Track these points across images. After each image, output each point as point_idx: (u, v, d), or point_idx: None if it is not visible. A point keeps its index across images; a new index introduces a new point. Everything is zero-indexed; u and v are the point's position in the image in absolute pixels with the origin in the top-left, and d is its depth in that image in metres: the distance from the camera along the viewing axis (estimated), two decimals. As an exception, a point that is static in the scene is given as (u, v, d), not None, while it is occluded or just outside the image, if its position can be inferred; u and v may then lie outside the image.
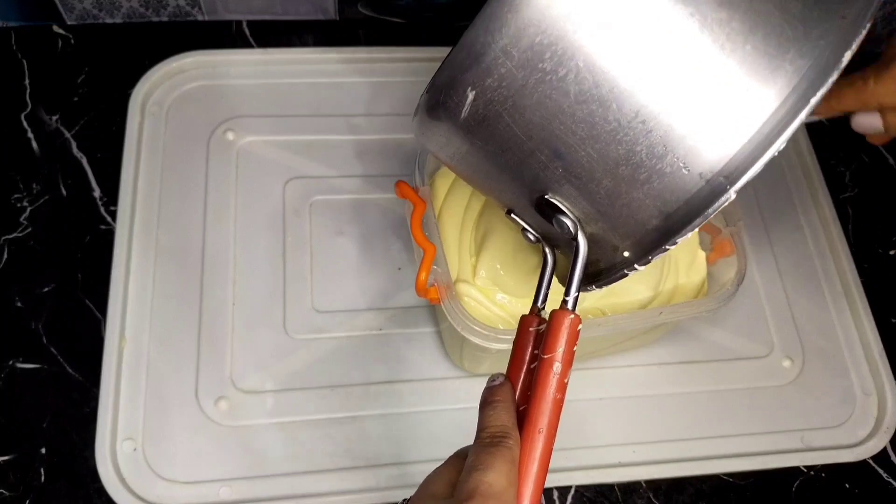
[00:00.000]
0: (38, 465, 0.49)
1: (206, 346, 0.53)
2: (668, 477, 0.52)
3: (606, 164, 0.28)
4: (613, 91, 0.27)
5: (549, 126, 0.28)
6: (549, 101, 0.27)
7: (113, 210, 0.57)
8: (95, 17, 0.65)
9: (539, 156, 0.29)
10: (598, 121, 0.27)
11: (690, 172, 0.27)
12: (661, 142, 0.27)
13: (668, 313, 0.45)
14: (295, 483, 0.49)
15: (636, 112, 0.27)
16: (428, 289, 0.44)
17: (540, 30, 0.26)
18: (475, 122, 0.30)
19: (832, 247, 0.62)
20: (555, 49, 0.26)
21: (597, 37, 0.26)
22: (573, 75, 0.27)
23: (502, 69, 0.27)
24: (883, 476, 0.54)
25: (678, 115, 0.27)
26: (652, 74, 0.27)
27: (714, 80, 0.27)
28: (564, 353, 0.32)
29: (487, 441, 0.31)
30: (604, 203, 0.29)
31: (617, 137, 0.27)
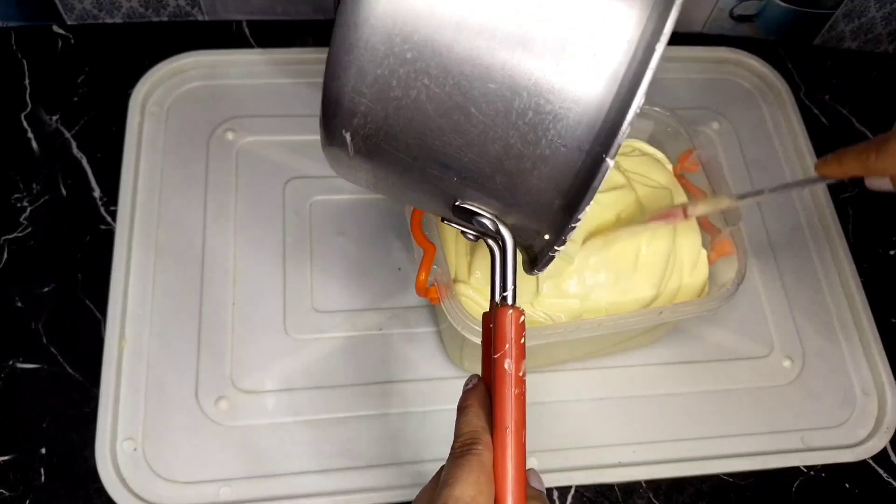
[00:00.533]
0: (38, 465, 0.49)
1: (205, 346, 0.53)
2: (668, 477, 0.52)
3: (492, 163, 0.29)
4: (467, 96, 0.27)
5: (425, 144, 0.29)
6: (415, 122, 0.28)
7: (113, 210, 0.57)
8: (95, 17, 0.65)
9: (431, 171, 0.30)
10: (466, 127, 0.28)
11: (569, 148, 0.27)
12: (530, 129, 0.27)
13: (668, 313, 0.45)
14: (295, 483, 0.49)
15: (496, 109, 0.27)
16: (428, 289, 0.44)
17: (376, 64, 0.27)
18: (365, 156, 0.31)
19: (832, 247, 0.62)
20: (398, 76, 0.27)
21: (427, 55, 0.27)
22: (424, 94, 0.27)
23: (361, 107, 0.29)
24: (883, 476, 0.54)
25: (536, 99, 0.27)
26: (496, 69, 0.27)
27: (555, 57, 0.26)
28: (513, 349, 0.32)
29: (458, 452, 0.32)
30: (507, 197, 0.30)
31: (489, 136, 0.28)
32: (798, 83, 0.71)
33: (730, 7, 0.69)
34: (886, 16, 0.69)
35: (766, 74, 0.70)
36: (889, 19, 0.69)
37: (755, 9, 0.70)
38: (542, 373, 0.54)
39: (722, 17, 0.70)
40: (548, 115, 0.27)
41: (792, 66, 0.71)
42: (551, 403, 0.54)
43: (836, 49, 0.73)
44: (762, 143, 0.67)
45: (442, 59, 0.27)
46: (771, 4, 0.69)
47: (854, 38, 0.72)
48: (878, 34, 0.71)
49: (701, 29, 0.72)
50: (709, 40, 0.71)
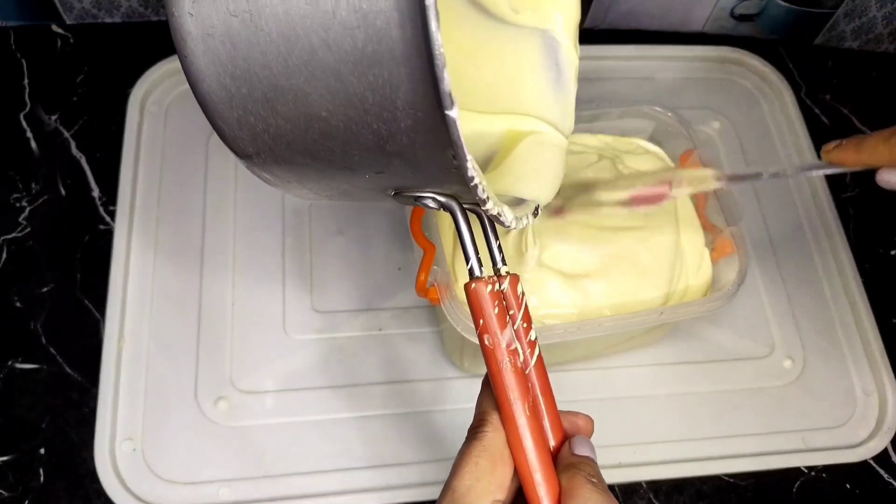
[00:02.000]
0: (36, 466, 0.49)
1: (205, 346, 0.53)
2: (669, 478, 0.52)
3: (378, 152, 0.28)
4: (310, 102, 0.27)
5: (318, 157, 0.29)
6: (294, 143, 0.29)
7: (112, 210, 0.57)
8: (95, 17, 0.65)
9: (344, 175, 0.30)
10: (332, 131, 0.28)
11: (423, 110, 0.26)
12: (381, 108, 0.26)
13: (668, 313, 0.45)
14: (295, 483, 0.49)
15: (340, 103, 0.27)
16: (428, 289, 0.44)
17: (230, 108, 0.29)
18: (289, 180, 0.32)
19: (833, 247, 0.62)
20: (250, 111, 0.28)
21: (255, 83, 0.27)
22: (280, 118, 0.28)
23: (249, 148, 0.29)
24: (884, 476, 0.54)
25: (365, 79, 0.26)
26: (316, 68, 0.26)
27: (354, 28, 0.25)
28: (490, 321, 0.30)
29: (467, 438, 0.31)
30: (418, 175, 0.29)
31: (354, 130, 0.27)
32: (799, 83, 0.71)
33: (730, 6, 0.69)
34: (887, 15, 0.69)
35: (767, 74, 0.70)
36: (890, 19, 0.69)
37: (756, 8, 0.69)
38: (542, 373, 0.54)
39: (723, 17, 0.70)
40: (384, 89, 0.26)
41: (793, 66, 0.71)
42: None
43: (836, 48, 0.73)
44: (763, 143, 0.67)
45: (268, 80, 0.27)
46: (772, 4, 0.69)
47: (855, 38, 0.72)
48: (879, 34, 0.71)
49: (701, 28, 0.72)
50: (709, 40, 0.71)
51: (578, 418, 0.33)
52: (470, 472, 0.29)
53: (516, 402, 0.30)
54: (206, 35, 0.27)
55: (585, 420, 0.33)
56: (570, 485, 0.29)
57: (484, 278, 0.31)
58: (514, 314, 0.32)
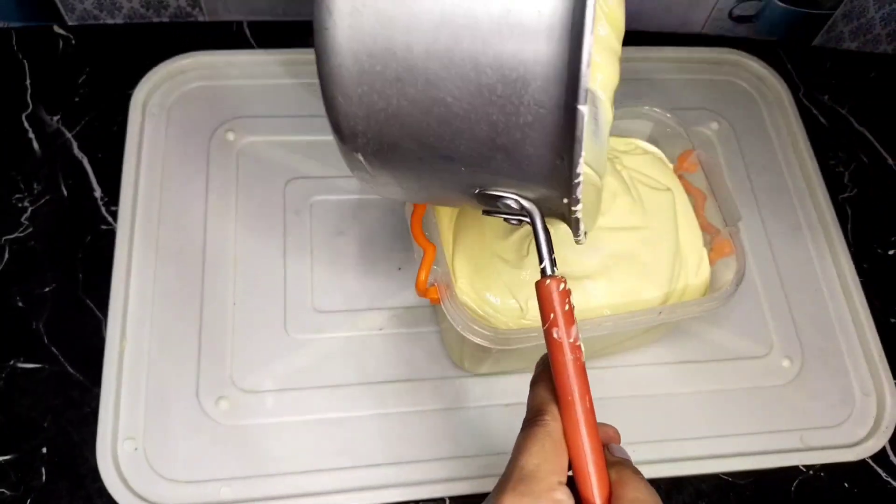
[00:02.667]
0: (38, 465, 0.49)
1: (206, 345, 0.53)
2: (668, 476, 0.52)
3: (486, 144, 0.29)
4: (439, 87, 0.28)
5: (423, 144, 0.30)
6: (406, 126, 0.30)
7: (114, 210, 0.57)
8: (96, 18, 0.65)
9: (440, 168, 0.31)
10: (450, 117, 0.29)
11: (548, 108, 0.28)
12: (506, 101, 0.28)
13: (667, 313, 0.45)
14: (295, 483, 0.50)
15: (468, 92, 0.28)
16: (428, 289, 0.44)
17: (355, 85, 0.29)
18: (382, 170, 0.32)
19: (831, 247, 0.62)
20: (376, 90, 0.29)
21: (391, 62, 0.28)
22: (404, 98, 0.29)
23: (359, 127, 0.30)
24: (882, 475, 0.54)
25: (500, 71, 0.27)
26: (455, 55, 0.27)
27: (502, 26, 0.27)
28: (559, 317, 0.32)
29: (526, 423, 0.33)
30: (516, 173, 0.31)
31: (473, 120, 0.29)
32: (797, 84, 0.71)
33: (729, 8, 0.69)
34: (885, 16, 0.69)
35: (766, 75, 0.70)
36: (888, 20, 0.70)
37: (754, 9, 0.70)
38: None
39: (721, 18, 0.71)
40: (517, 83, 0.27)
41: (791, 67, 0.72)
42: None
43: (835, 49, 0.73)
44: (761, 144, 0.67)
45: (405, 61, 0.28)
46: (770, 5, 0.69)
47: (853, 39, 0.72)
48: (877, 34, 0.71)
49: (700, 30, 0.72)
50: (708, 41, 0.71)
51: (609, 428, 0.35)
52: (537, 453, 0.31)
53: (577, 395, 0.32)
54: (354, 10, 0.28)
55: (615, 430, 0.36)
56: (620, 477, 0.32)
57: (557, 277, 0.33)
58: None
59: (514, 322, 0.46)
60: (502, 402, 0.54)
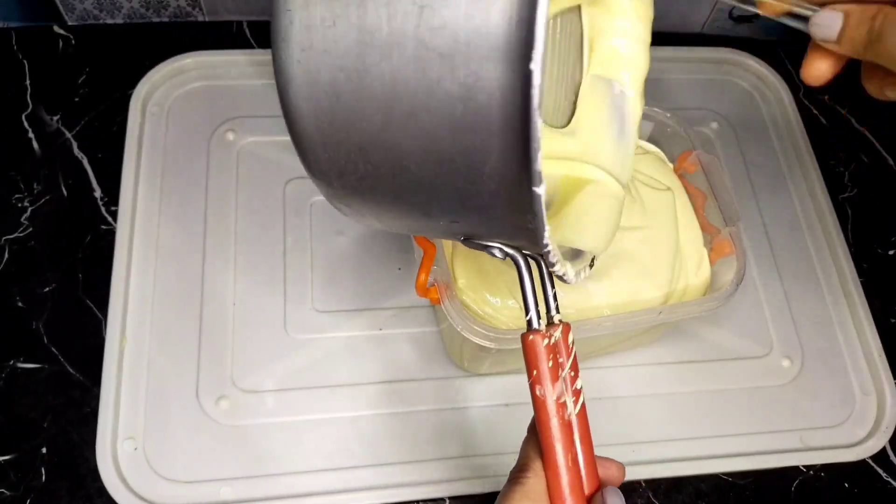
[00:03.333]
0: (38, 465, 0.49)
1: (206, 345, 0.53)
2: (668, 476, 0.52)
3: (457, 208, 0.29)
4: (402, 156, 0.28)
5: (398, 201, 0.30)
6: (378, 189, 0.30)
7: (114, 210, 0.57)
8: (96, 18, 0.65)
9: (421, 220, 0.31)
10: (417, 184, 0.29)
11: (509, 180, 0.27)
12: (468, 170, 0.28)
13: (666, 313, 0.45)
14: (295, 483, 0.50)
15: (430, 161, 0.28)
16: (428, 289, 0.44)
17: (322, 149, 0.30)
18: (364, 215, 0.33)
19: (831, 247, 0.62)
20: (342, 154, 0.29)
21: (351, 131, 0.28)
22: (370, 166, 0.29)
23: (333, 184, 0.31)
24: (882, 476, 0.54)
25: (459, 144, 0.27)
26: (413, 127, 0.27)
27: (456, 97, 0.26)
28: (543, 373, 0.31)
29: (510, 477, 0.33)
30: (492, 229, 0.31)
31: (438, 187, 0.29)
32: (797, 83, 0.71)
33: (729, 8, 0.69)
34: (885, 16, 0.69)
35: (766, 75, 0.70)
36: (888, 20, 0.69)
37: (754, 9, 0.70)
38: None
39: (721, 18, 0.71)
40: (475, 155, 0.27)
41: (791, 67, 0.72)
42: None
43: (835, 50, 0.73)
44: (761, 144, 0.67)
45: (367, 131, 0.28)
46: (770, 5, 0.69)
47: (853, 39, 0.72)
48: (877, 35, 0.71)
49: (700, 29, 0.72)
50: (708, 41, 0.71)
51: (612, 466, 0.35)
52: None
53: (560, 452, 0.31)
54: (311, 82, 0.29)
55: (618, 468, 0.35)
56: None
57: (541, 331, 0.32)
58: (563, 362, 0.33)
59: (514, 322, 0.46)
60: (502, 402, 0.54)
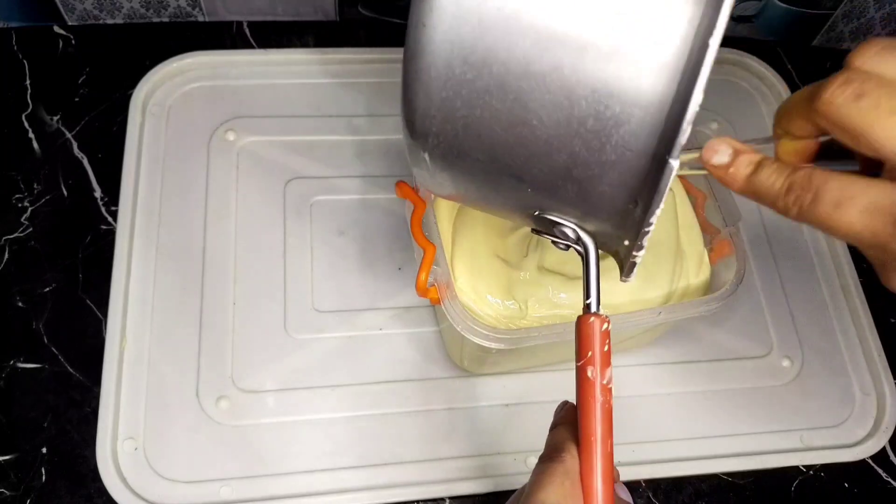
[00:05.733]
0: (38, 465, 0.49)
1: (206, 345, 0.53)
2: (667, 476, 0.52)
3: (561, 173, 0.29)
4: (528, 108, 0.28)
5: (495, 158, 0.30)
6: (483, 138, 0.29)
7: (114, 210, 0.57)
8: (96, 18, 0.65)
9: (506, 183, 0.31)
10: (531, 139, 0.28)
11: (635, 152, 0.27)
12: (593, 136, 0.27)
13: (666, 313, 0.45)
14: (295, 483, 0.50)
15: (557, 119, 0.27)
16: (428, 289, 0.44)
17: (441, 87, 0.28)
18: (444, 172, 0.32)
19: (831, 247, 0.62)
20: (461, 97, 0.28)
21: (485, 74, 0.28)
22: (488, 111, 0.28)
23: (433, 128, 0.30)
24: (882, 475, 0.54)
25: (595, 106, 0.27)
26: (552, 80, 0.27)
27: (609, 62, 0.26)
28: (597, 356, 0.32)
29: (544, 458, 0.33)
30: (582, 205, 0.30)
31: (554, 146, 0.28)
32: (797, 83, 0.71)
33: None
34: (885, 16, 0.69)
35: (766, 75, 0.70)
36: (888, 20, 0.70)
37: (754, 9, 0.70)
38: (541, 372, 0.54)
39: (721, 18, 0.71)
40: (609, 121, 0.27)
41: (791, 67, 0.72)
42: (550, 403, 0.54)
43: (835, 49, 0.73)
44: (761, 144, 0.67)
45: (500, 75, 0.27)
46: (770, 5, 0.69)
47: (853, 39, 0.72)
48: (877, 35, 0.71)
49: (700, 29, 0.72)
50: (708, 41, 0.71)
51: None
52: (556, 491, 0.31)
53: (600, 437, 0.32)
54: (457, 12, 0.27)
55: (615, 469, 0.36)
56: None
57: (602, 315, 0.32)
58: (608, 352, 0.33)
59: (514, 322, 0.46)
60: (502, 402, 0.54)
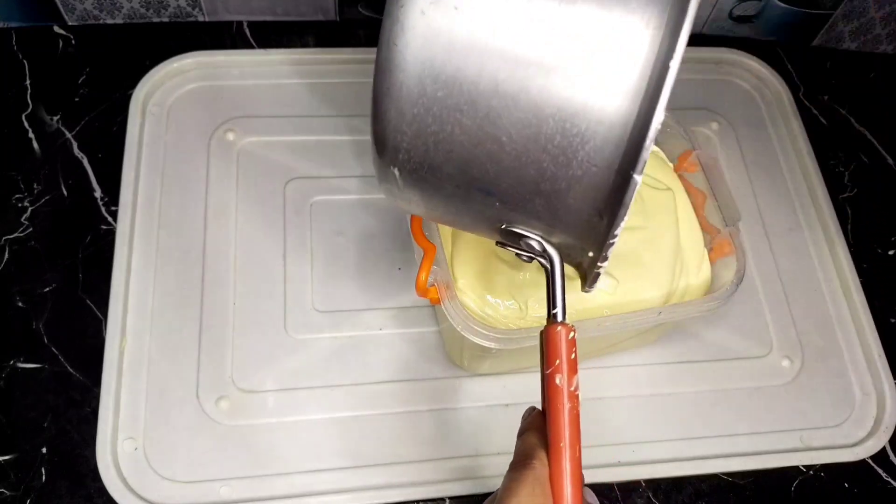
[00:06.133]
0: (38, 465, 0.49)
1: (206, 345, 0.53)
2: (668, 476, 0.52)
3: (529, 187, 0.30)
4: (497, 125, 0.28)
5: (465, 173, 0.30)
6: (453, 154, 0.30)
7: (114, 210, 0.57)
8: (96, 18, 0.65)
9: (474, 198, 0.32)
10: (500, 155, 0.29)
11: (600, 168, 0.28)
12: (560, 152, 0.28)
13: (666, 313, 0.45)
14: (295, 483, 0.50)
15: (525, 135, 0.28)
16: (428, 289, 0.44)
17: (412, 104, 0.29)
18: (413, 188, 0.33)
19: (831, 247, 0.62)
20: (432, 113, 0.29)
21: (455, 91, 0.28)
22: (458, 128, 0.29)
23: (404, 144, 0.30)
24: (882, 476, 0.54)
25: (562, 124, 0.28)
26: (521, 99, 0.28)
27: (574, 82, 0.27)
28: (564, 364, 0.32)
29: (513, 465, 0.33)
30: (548, 218, 0.31)
31: (523, 162, 0.29)
32: (797, 84, 0.71)
33: (729, 8, 0.69)
34: (885, 16, 0.69)
35: (766, 75, 0.70)
36: (888, 20, 0.70)
37: (754, 9, 0.70)
38: (541, 372, 0.54)
39: (721, 18, 0.71)
40: (575, 138, 0.28)
41: (791, 67, 0.72)
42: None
43: (835, 49, 0.73)
44: (761, 144, 0.67)
45: (470, 94, 0.28)
46: (770, 5, 0.69)
47: (853, 39, 0.72)
48: (878, 35, 0.71)
49: (700, 30, 0.72)
50: (708, 41, 0.71)
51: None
52: (528, 496, 0.31)
53: (566, 445, 0.32)
54: (431, 35, 0.28)
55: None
56: None
57: (568, 325, 0.33)
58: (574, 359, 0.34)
59: (514, 322, 0.46)
60: (502, 402, 0.54)
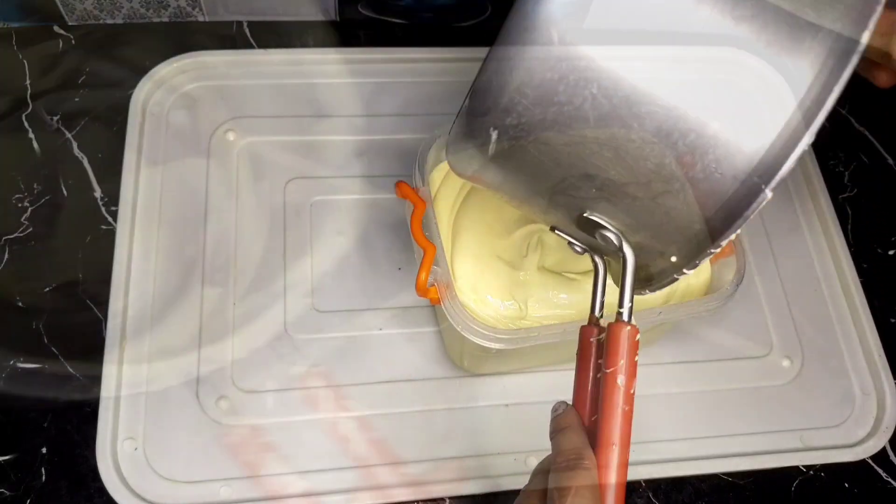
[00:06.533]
0: (38, 465, 0.49)
1: (206, 345, 0.53)
2: (667, 476, 0.52)
3: (638, 181, 0.28)
4: (633, 111, 0.26)
5: (574, 152, 0.28)
6: (570, 129, 0.28)
7: (114, 210, 0.57)
8: (96, 18, 0.65)
9: (571, 180, 0.30)
10: (622, 141, 0.27)
11: (724, 176, 0.27)
12: (688, 151, 0.27)
13: (667, 313, 0.45)
14: (294, 483, 0.50)
15: (658, 127, 0.27)
16: (428, 289, 0.44)
17: (548, 67, 0.27)
18: (503, 157, 0.30)
19: (831, 247, 0.62)
20: (566, 82, 0.27)
21: (606, 65, 0.26)
22: (589, 103, 0.27)
23: (519, 107, 0.28)
24: (882, 476, 0.54)
25: (703, 122, 0.26)
26: (668, 89, 0.26)
27: (734, 83, 0.26)
28: (626, 365, 0.32)
29: (564, 465, 0.32)
30: (643, 215, 0.29)
31: (644, 153, 0.27)
32: (797, 84, 0.71)
33: (729, 8, 0.69)
34: (885, 16, 0.69)
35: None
36: (888, 20, 0.69)
37: (754, 9, 0.70)
38: (541, 372, 0.54)
39: (721, 18, 0.70)
40: (710, 139, 0.26)
41: (791, 67, 0.71)
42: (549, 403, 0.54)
43: (835, 50, 0.73)
44: (761, 144, 0.67)
45: (615, 72, 0.26)
46: (770, 5, 0.69)
47: (853, 39, 0.72)
48: (878, 35, 0.71)
49: (700, 29, 0.72)
50: (708, 41, 0.71)
51: None
52: (586, 497, 0.30)
53: (619, 443, 0.31)
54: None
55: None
56: None
57: (636, 325, 0.32)
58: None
59: (514, 322, 0.46)
60: (502, 402, 0.54)
